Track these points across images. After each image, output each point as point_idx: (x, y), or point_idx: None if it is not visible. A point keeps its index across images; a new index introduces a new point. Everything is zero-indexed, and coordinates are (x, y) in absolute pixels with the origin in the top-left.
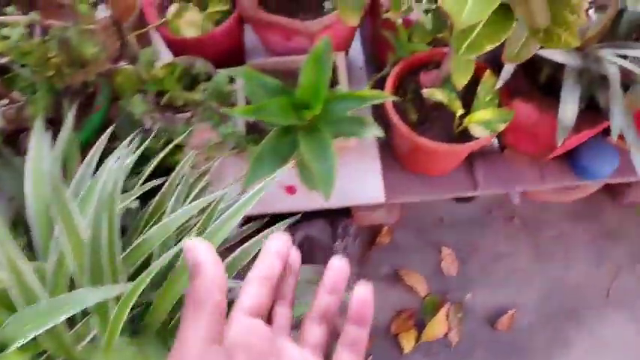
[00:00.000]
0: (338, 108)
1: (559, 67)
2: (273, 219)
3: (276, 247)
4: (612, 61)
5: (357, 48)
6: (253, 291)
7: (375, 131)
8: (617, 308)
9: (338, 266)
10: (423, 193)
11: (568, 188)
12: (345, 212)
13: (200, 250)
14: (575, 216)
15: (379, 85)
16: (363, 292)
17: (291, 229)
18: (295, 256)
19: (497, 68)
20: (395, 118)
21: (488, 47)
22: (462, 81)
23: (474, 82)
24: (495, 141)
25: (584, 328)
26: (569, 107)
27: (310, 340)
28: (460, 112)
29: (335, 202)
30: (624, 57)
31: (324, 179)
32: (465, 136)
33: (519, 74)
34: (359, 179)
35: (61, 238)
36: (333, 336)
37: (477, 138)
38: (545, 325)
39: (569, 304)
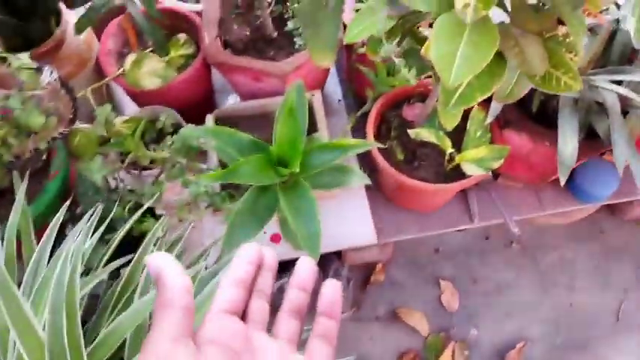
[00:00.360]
0: (318, 160)
1: (551, 95)
2: None
3: (247, 254)
4: (608, 88)
5: (333, 80)
6: (227, 292)
7: (360, 179)
8: (628, 333)
9: (305, 267)
10: (416, 231)
11: (567, 211)
12: (335, 252)
13: (161, 260)
14: (576, 237)
15: (361, 121)
16: (332, 288)
17: (277, 277)
18: (270, 255)
19: (487, 100)
20: (380, 160)
21: (480, 98)
22: (450, 124)
23: (463, 116)
24: None
25: (596, 359)
26: (568, 141)
27: (284, 333)
28: (450, 150)
29: (324, 247)
30: (619, 82)
31: (309, 239)
32: (457, 172)
33: (510, 104)
34: (348, 221)
35: (17, 341)
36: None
37: (469, 175)
38: (556, 357)
39: (579, 333)
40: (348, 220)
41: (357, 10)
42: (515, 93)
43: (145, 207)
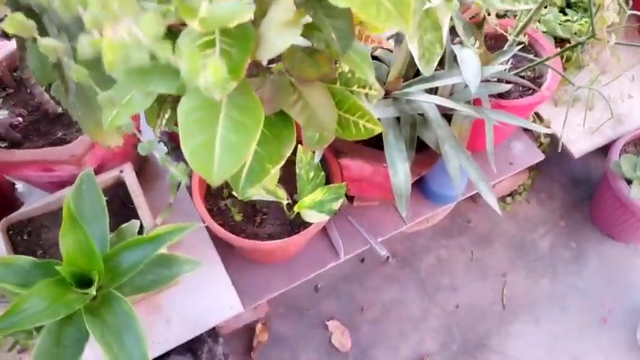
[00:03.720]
0: (128, 263)
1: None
2: None
3: None
4: (425, 100)
5: (151, 136)
6: None
7: (191, 266)
8: (515, 317)
9: None
10: (284, 284)
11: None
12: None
13: None
14: (445, 234)
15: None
16: None
17: None
18: None
19: None
20: (217, 229)
21: (273, 168)
22: (270, 185)
23: (290, 160)
24: None
25: (493, 353)
26: (399, 170)
27: None
28: (286, 201)
29: (186, 335)
30: (435, 90)
31: None
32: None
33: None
34: (206, 297)
35: None
36: None
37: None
38: None
39: (473, 332)
40: (206, 295)
41: None
42: (325, 138)
43: None
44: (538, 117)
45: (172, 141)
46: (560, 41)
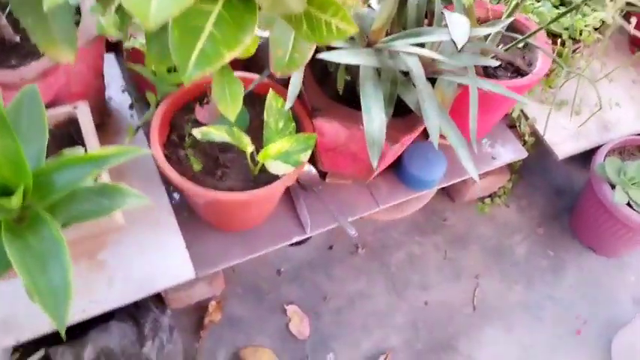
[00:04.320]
0: (63, 180)
1: (356, 74)
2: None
3: None
4: (409, 52)
5: (116, 81)
6: None
7: (137, 200)
8: (486, 321)
9: None
10: (242, 254)
11: (404, 203)
12: (153, 299)
13: None
14: (419, 230)
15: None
16: None
17: (76, 345)
18: None
19: (284, 84)
20: (171, 173)
21: (229, 55)
22: (231, 110)
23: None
24: (312, 170)
25: (460, 356)
26: (374, 117)
27: None
28: (250, 148)
29: (129, 296)
30: (421, 45)
31: (50, 296)
32: (269, 175)
33: (313, 89)
34: (157, 258)
35: None
36: None
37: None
38: None
39: (440, 332)
40: (155, 257)
41: None
42: (296, 60)
43: None
44: (523, 115)
45: (138, 91)
46: (552, 36)
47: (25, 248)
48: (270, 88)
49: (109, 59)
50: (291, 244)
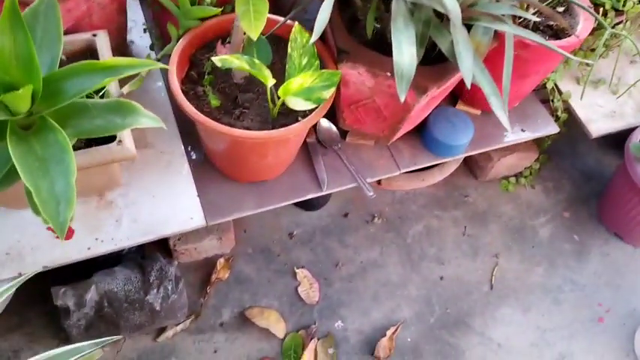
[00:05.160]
0: (73, 88)
1: (386, 20)
2: (44, 279)
3: None
4: None
5: (139, 27)
6: None
7: (150, 121)
8: (503, 301)
9: None
10: (255, 205)
11: (425, 171)
12: (160, 249)
13: None
14: (439, 204)
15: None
16: None
17: (79, 287)
18: None
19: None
20: (188, 107)
21: None
22: (254, 28)
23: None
24: (333, 127)
25: (473, 333)
26: (405, 50)
27: None
28: (271, 82)
29: (137, 237)
30: None
31: (49, 202)
32: (289, 117)
33: (341, 33)
34: (166, 203)
35: None
36: None
37: (302, 117)
38: (431, 339)
39: (453, 308)
40: (166, 201)
41: None
42: None
43: None
44: (557, 89)
45: (159, 31)
46: (595, 5)
47: (30, 152)
48: (297, 22)
49: (134, 4)
50: (307, 208)
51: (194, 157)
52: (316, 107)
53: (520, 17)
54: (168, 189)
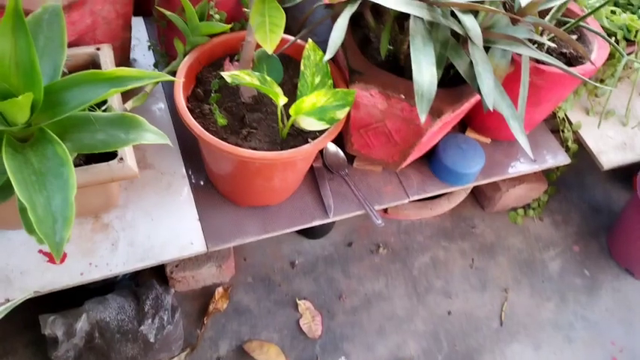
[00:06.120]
0: (75, 99)
1: (400, 42)
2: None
3: None
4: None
5: (143, 44)
6: None
7: (155, 137)
8: (513, 337)
9: None
10: (260, 230)
11: (433, 200)
12: (156, 277)
13: None
14: (446, 235)
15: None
16: None
17: (69, 315)
18: None
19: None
20: (192, 122)
21: None
22: (270, 42)
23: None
24: (340, 152)
25: None
26: (424, 69)
27: None
28: (282, 100)
29: (134, 263)
30: (475, 14)
31: (46, 219)
32: (298, 139)
33: (354, 52)
34: (165, 226)
35: None
36: None
37: (312, 138)
38: None
39: (462, 344)
40: (165, 224)
41: None
42: None
43: None
44: (567, 120)
45: (165, 49)
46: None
47: (26, 165)
48: (310, 39)
49: (138, 23)
50: (309, 236)
51: (195, 179)
52: (327, 128)
53: (534, 44)
54: (168, 212)
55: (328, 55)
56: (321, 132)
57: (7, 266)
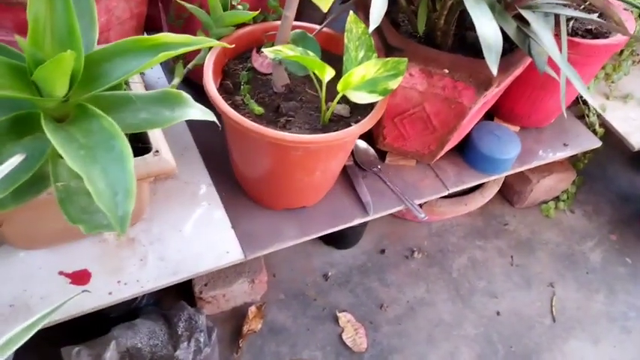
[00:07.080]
0: (117, 70)
1: (435, 16)
2: (51, 336)
3: None
4: None
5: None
6: None
7: (199, 113)
8: (569, 333)
9: None
10: (298, 233)
11: (466, 196)
12: (185, 298)
13: None
14: (479, 234)
15: (192, 85)
16: None
17: (95, 345)
18: None
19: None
20: (230, 111)
21: None
22: (325, 3)
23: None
24: (370, 149)
25: None
26: (485, 23)
27: None
28: (329, 74)
29: (166, 277)
30: None
31: (112, 197)
32: (340, 125)
33: (390, 30)
34: (196, 237)
35: None
36: None
37: (354, 122)
38: None
39: (518, 345)
40: (196, 235)
41: None
42: None
43: None
44: (585, 104)
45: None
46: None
47: (71, 141)
48: (351, 12)
49: None
50: (339, 247)
51: (222, 186)
52: (369, 110)
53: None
54: (197, 222)
55: (372, 26)
56: (362, 115)
57: (25, 292)
